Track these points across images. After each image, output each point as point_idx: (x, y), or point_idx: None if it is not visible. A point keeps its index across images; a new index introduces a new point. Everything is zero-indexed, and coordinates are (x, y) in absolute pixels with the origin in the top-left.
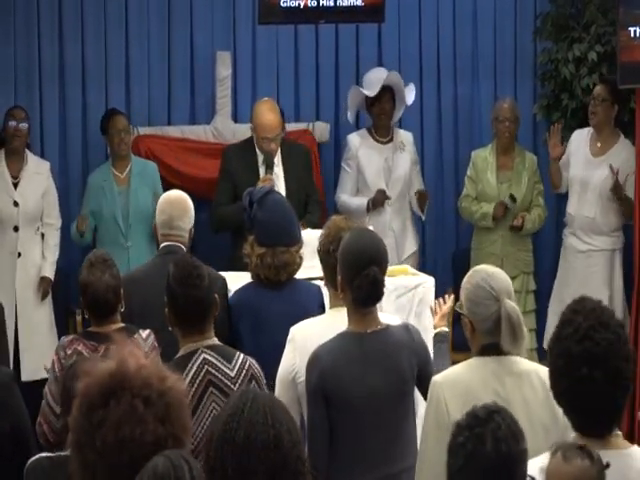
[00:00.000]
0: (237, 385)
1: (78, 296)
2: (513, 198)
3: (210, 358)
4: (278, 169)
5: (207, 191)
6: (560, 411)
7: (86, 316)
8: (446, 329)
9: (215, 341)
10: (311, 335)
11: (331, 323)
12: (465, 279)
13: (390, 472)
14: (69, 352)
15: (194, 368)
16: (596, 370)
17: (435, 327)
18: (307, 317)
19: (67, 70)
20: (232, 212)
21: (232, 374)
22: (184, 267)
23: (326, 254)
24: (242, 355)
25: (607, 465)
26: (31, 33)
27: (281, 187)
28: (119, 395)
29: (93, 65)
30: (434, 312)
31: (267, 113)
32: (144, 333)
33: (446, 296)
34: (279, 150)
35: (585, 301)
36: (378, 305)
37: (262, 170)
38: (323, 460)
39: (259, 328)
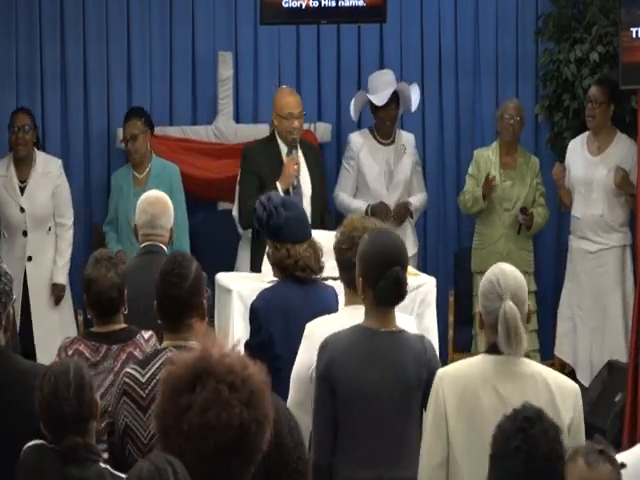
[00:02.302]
0: None
1: (82, 296)
2: (524, 212)
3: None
4: (302, 163)
5: (208, 191)
6: (565, 415)
7: (89, 315)
8: None
9: (190, 344)
10: (328, 332)
11: (348, 321)
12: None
13: (393, 477)
14: (70, 353)
15: (155, 366)
16: None
17: None
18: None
19: (69, 71)
20: None
21: None
22: (169, 264)
23: (341, 252)
24: None
25: (623, 465)
26: (33, 34)
27: (307, 186)
28: (204, 380)
29: (95, 66)
30: None
31: (287, 95)
32: (146, 334)
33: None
34: (300, 150)
35: None
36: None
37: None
38: (327, 445)
39: (291, 328)
